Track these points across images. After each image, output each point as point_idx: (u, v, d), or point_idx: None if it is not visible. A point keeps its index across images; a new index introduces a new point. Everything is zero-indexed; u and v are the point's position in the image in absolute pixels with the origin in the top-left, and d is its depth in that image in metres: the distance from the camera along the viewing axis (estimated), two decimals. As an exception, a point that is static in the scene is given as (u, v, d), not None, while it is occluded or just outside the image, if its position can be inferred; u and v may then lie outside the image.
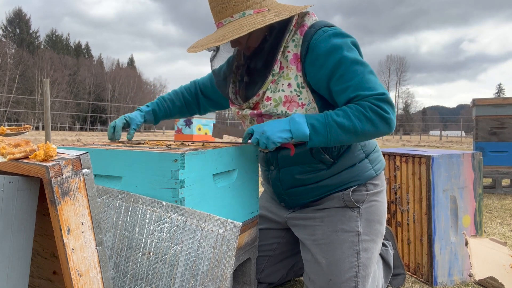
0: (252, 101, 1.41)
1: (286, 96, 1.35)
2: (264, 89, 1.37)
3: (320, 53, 1.29)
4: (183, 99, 1.73)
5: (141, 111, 1.65)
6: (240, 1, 1.30)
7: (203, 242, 1.03)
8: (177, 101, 1.73)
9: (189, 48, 1.38)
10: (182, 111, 1.76)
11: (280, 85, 1.36)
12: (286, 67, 1.36)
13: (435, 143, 20.67)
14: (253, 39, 1.37)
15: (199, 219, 1.04)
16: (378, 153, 1.51)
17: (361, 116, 1.22)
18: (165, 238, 1.05)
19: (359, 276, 1.36)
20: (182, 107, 1.74)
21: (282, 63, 1.36)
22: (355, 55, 1.29)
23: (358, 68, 1.26)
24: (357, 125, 1.22)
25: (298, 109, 1.34)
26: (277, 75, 1.37)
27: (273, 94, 1.37)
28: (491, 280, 1.01)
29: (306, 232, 1.47)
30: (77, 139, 15.60)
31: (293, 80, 1.35)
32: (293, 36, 1.35)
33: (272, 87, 1.37)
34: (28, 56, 49.85)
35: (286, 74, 1.36)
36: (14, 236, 0.80)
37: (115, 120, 1.57)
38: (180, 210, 1.05)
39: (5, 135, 1.21)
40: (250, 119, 1.46)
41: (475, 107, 4.56)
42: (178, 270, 1.02)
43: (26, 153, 0.80)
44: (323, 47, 1.29)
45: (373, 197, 1.45)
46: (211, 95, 1.73)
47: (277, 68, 1.35)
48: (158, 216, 1.06)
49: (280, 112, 1.36)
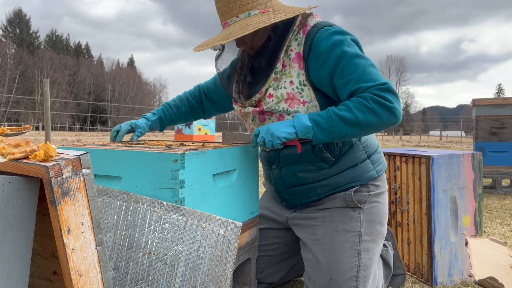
0: (255, 98, 1.43)
1: (288, 93, 1.37)
2: (266, 86, 1.40)
3: (322, 50, 1.32)
4: (188, 104, 1.75)
5: (148, 120, 1.66)
6: (246, 1, 1.33)
7: (204, 242, 1.03)
8: (182, 106, 1.75)
9: (195, 47, 1.40)
10: (187, 116, 1.77)
11: (282, 82, 1.38)
12: (289, 65, 1.38)
13: (435, 143, 20.67)
14: (257, 38, 1.40)
15: (200, 219, 1.04)
16: (380, 155, 1.52)
17: (363, 108, 1.22)
18: (165, 238, 1.05)
19: (360, 276, 1.36)
20: (187, 112, 1.76)
21: (285, 61, 1.39)
22: (355, 50, 1.31)
23: (359, 61, 1.27)
24: (359, 117, 1.22)
25: (299, 106, 1.36)
26: (280, 73, 1.39)
27: (275, 91, 1.39)
28: (491, 280, 1.01)
29: (307, 232, 1.47)
30: (77, 139, 15.61)
31: (295, 78, 1.37)
32: (296, 35, 1.38)
33: (275, 84, 1.39)
34: (28, 56, 49.85)
35: (289, 72, 1.38)
36: (14, 236, 0.80)
37: (120, 124, 1.58)
38: (181, 210, 1.05)
39: (5, 135, 1.21)
40: (252, 117, 1.47)
41: (475, 107, 4.56)
42: (178, 270, 1.02)
43: (26, 153, 0.80)
44: (325, 44, 1.32)
45: (374, 198, 1.45)
46: (215, 98, 1.75)
47: (279, 66, 1.38)
48: (159, 216, 1.06)
49: (282, 109, 1.37)
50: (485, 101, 4.50)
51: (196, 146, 1.42)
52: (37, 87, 47.61)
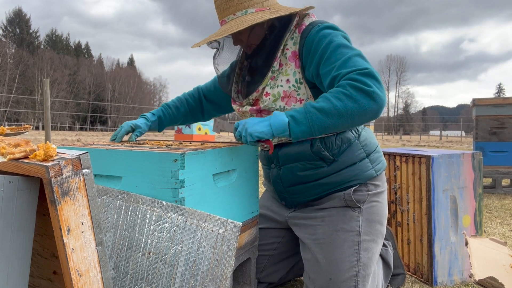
0: (252, 97, 1.45)
1: (285, 92, 1.39)
2: (263, 85, 1.41)
3: (312, 43, 1.34)
4: (187, 105, 1.76)
5: (147, 120, 1.66)
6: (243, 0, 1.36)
7: (203, 242, 1.03)
8: (181, 107, 1.75)
9: (193, 44, 1.42)
10: (186, 117, 1.77)
11: (279, 81, 1.40)
12: (285, 64, 1.40)
13: (435, 143, 20.67)
14: (254, 36, 1.42)
15: (199, 219, 1.04)
16: (379, 154, 1.52)
17: (340, 95, 1.16)
18: (165, 238, 1.05)
19: (359, 276, 1.36)
20: (186, 113, 1.76)
21: (282, 60, 1.41)
22: (343, 41, 1.31)
23: (345, 51, 1.27)
24: (337, 105, 1.15)
25: (296, 104, 1.38)
26: (277, 72, 1.41)
27: (272, 89, 1.40)
28: (491, 280, 1.01)
29: (307, 232, 1.47)
30: (77, 139, 15.61)
31: (292, 76, 1.39)
32: (292, 34, 1.40)
33: (271, 83, 1.41)
34: (28, 56, 49.84)
35: (285, 70, 1.40)
36: (14, 236, 0.80)
37: (121, 125, 1.58)
38: (180, 210, 1.05)
39: (5, 135, 1.21)
40: (249, 115, 1.49)
41: (475, 107, 4.56)
42: (178, 270, 1.02)
43: (26, 153, 0.80)
44: (315, 38, 1.34)
45: (374, 198, 1.45)
46: (214, 99, 1.75)
47: (276, 65, 1.40)
48: (158, 216, 1.06)
49: (279, 107, 1.39)
50: (485, 101, 4.50)
51: (195, 146, 1.42)
52: (37, 86, 47.60)
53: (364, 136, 1.47)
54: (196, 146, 1.40)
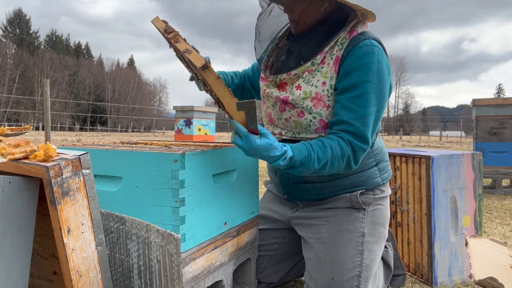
0: (281, 77, 1.36)
1: (317, 93, 1.32)
2: (298, 71, 1.33)
3: (354, 65, 1.27)
4: (240, 79, 1.73)
5: None
6: None
7: (150, 255, 0.99)
8: (236, 79, 1.72)
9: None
10: (236, 90, 1.71)
11: (315, 80, 1.33)
12: (327, 64, 1.32)
13: (435, 143, 20.67)
14: (306, 14, 1.34)
15: (140, 228, 1.00)
16: (387, 163, 1.52)
17: (335, 162, 1.25)
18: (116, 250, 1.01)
19: (362, 276, 1.37)
20: (237, 86, 1.72)
21: (326, 58, 1.33)
22: (379, 85, 1.27)
23: (369, 102, 1.26)
24: (329, 166, 1.25)
25: (323, 109, 1.33)
26: (316, 66, 1.33)
27: (306, 85, 1.33)
28: (491, 280, 1.01)
29: (311, 231, 1.47)
30: (77, 139, 15.61)
31: (329, 80, 1.32)
32: (343, 37, 1.32)
33: (307, 77, 1.34)
34: (28, 57, 49.84)
35: (325, 71, 1.32)
36: (14, 236, 0.80)
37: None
38: (121, 219, 1.03)
39: (5, 135, 1.21)
40: (273, 102, 1.42)
41: (475, 107, 4.56)
42: (135, 284, 1.00)
43: (26, 153, 0.80)
44: (360, 61, 1.27)
45: (379, 201, 1.46)
46: (252, 80, 1.72)
47: (319, 59, 1.32)
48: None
49: (306, 106, 1.33)
50: (485, 101, 4.50)
51: (195, 146, 1.42)
52: (37, 87, 47.61)
53: (377, 145, 1.46)
54: (196, 146, 1.40)
